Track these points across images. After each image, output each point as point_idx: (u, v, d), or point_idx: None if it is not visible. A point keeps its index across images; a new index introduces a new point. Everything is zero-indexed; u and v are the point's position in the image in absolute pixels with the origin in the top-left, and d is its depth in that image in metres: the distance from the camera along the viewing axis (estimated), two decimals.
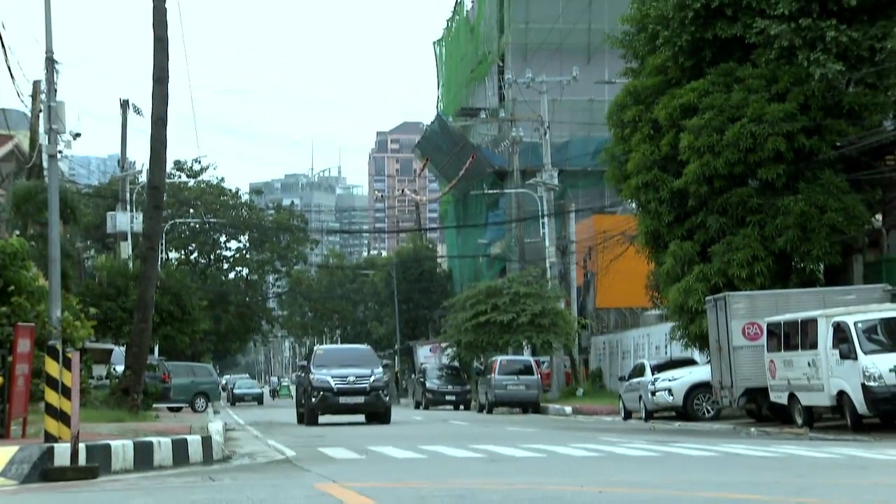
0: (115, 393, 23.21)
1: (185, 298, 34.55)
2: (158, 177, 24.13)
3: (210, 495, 8.99)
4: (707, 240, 26.22)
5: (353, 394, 27.33)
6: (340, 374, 27.56)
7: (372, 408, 27.70)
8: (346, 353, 30.57)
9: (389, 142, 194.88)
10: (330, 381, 27.39)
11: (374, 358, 29.55)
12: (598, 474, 10.94)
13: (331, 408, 27.49)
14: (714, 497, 8.16)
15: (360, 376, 27.51)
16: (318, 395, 27.31)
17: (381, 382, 27.75)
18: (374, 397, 27.47)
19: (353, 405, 27.49)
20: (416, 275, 73.10)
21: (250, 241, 72.08)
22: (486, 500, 7.93)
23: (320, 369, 27.84)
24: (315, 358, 28.78)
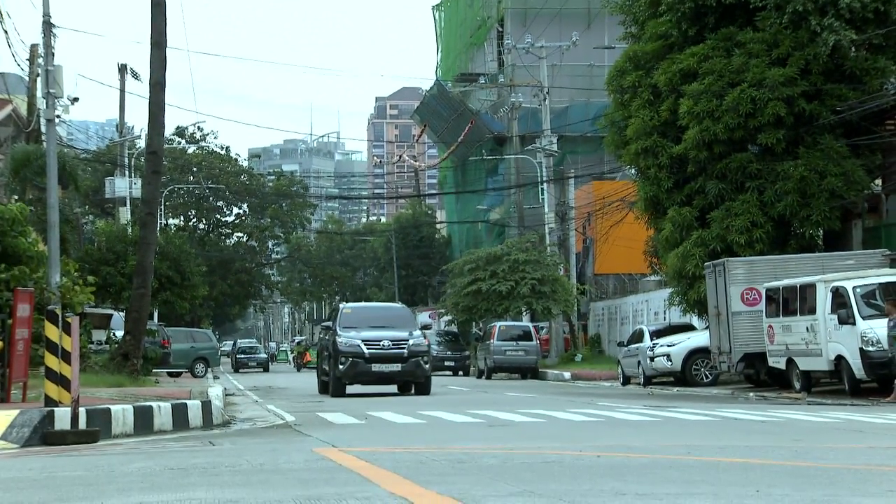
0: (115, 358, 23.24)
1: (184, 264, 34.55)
2: (157, 142, 24.04)
3: (210, 459, 9.00)
4: (706, 205, 26.19)
5: (388, 360, 23.42)
6: (372, 336, 23.63)
7: (410, 377, 23.85)
8: (378, 311, 26.13)
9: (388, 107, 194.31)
10: (360, 346, 23.48)
11: (411, 318, 25.77)
12: (596, 439, 10.96)
13: (361, 376, 23.62)
14: (712, 461, 8.17)
15: (396, 340, 23.62)
16: (345, 362, 23.38)
17: (420, 347, 23.80)
18: (412, 365, 23.56)
19: (387, 374, 23.52)
20: (415, 241, 73.11)
21: (250, 208, 72.03)
22: (484, 465, 7.95)
23: (348, 331, 23.87)
24: (341, 317, 24.46)
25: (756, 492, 6.09)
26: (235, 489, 6.69)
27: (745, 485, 6.53)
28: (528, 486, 6.47)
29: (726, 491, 6.19)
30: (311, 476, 7.33)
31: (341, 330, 24.01)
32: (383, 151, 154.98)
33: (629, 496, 5.94)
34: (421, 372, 23.71)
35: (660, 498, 5.84)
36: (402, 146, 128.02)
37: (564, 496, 5.90)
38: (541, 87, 45.43)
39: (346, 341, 23.59)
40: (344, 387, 23.89)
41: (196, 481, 7.23)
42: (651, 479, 6.88)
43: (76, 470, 8.39)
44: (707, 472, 7.40)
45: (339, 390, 23.66)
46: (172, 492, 6.64)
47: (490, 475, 7.18)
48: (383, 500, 5.85)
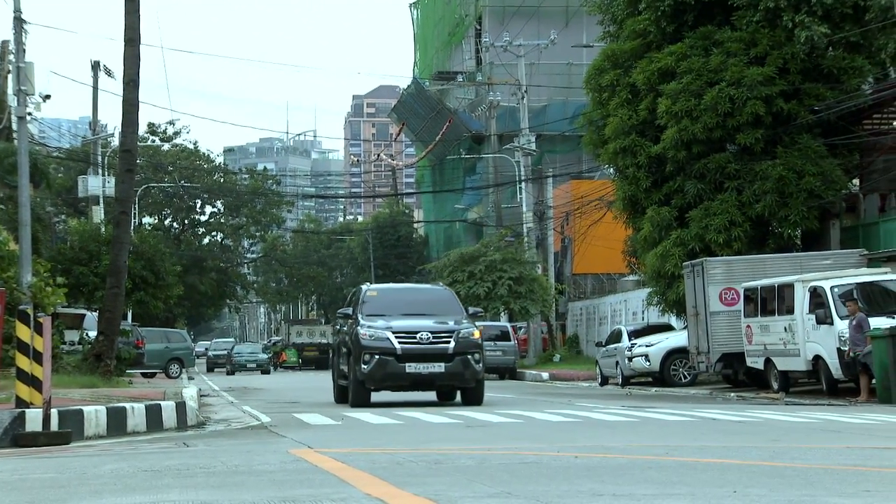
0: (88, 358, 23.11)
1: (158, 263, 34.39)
2: (131, 139, 23.92)
3: (184, 461, 8.97)
4: (685, 205, 26.28)
5: (428, 358, 17.93)
6: (406, 327, 18.22)
7: (456, 380, 18.25)
8: (412, 294, 20.45)
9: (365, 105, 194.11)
10: (390, 339, 18.07)
11: (455, 301, 19.56)
12: (574, 440, 10.99)
13: (392, 379, 18.14)
14: (689, 462, 8.20)
15: (437, 332, 18.17)
16: (370, 361, 17.99)
17: (470, 340, 18.23)
18: (458, 364, 18.00)
19: (426, 376, 18.02)
20: (392, 240, 73.07)
21: (225, 206, 71.83)
22: (461, 466, 7.96)
23: (373, 319, 18.46)
24: (364, 302, 19.02)
25: (734, 492, 6.12)
26: (209, 491, 6.67)
27: (722, 485, 6.56)
28: (505, 487, 6.48)
29: (704, 491, 6.22)
30: (286, 477, 7.32)
31: (364, 318, 18.47)
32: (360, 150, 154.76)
33: (606, 497, 5.96)
34: (471, 374, 18.08)
35: (637, 499, 5.86)
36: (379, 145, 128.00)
37: (541, 497, 5.91)
38: (519, 85, 45.47)
39: (372, 333, 18.08)
40: (368, 393, 18.47)
41: (170, 483, 7.21)
42: (628, 480, 6.91)
43: (48, 472, 8.35)
44: (684, 472, 7.43)
45: (361, 398, 18.29)
46: (145, 494, 6.61)
47: (467, 476, 7.18)
48: (358, 501, 5.85)
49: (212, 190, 68.69)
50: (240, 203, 70.81)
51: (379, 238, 73.26)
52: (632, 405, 18.26)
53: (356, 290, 20.31)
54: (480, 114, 54.15)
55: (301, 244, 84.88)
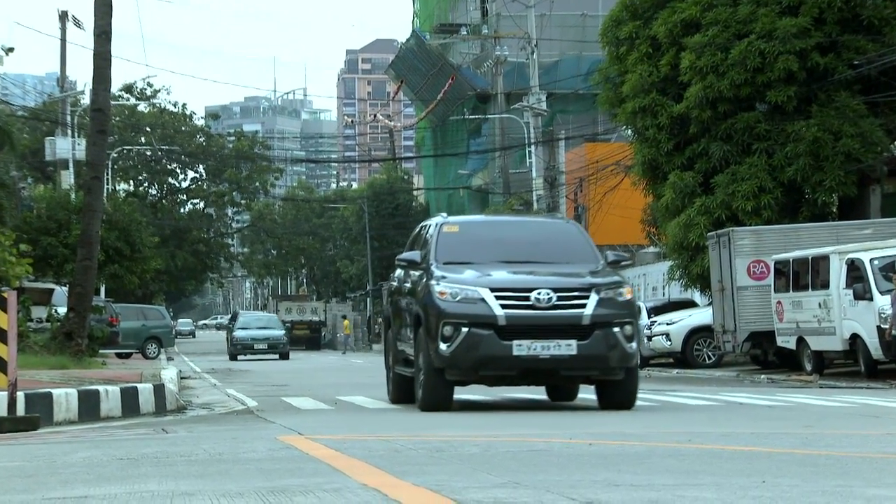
0: (57, 337, 23.17)
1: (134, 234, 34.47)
2: (103, 97, 23.87)
3: (163, 448, 9.00)
4: (710, 170, 26.24)
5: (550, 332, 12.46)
6: (513, 282, 12.83)
7: (595, 367, 12.73)
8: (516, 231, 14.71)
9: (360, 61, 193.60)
10: (486, 301, 12.60)
11: (587, 243, 14.23)
12: (588, 426, 11.01)
13: (490, 365, 12.73)
14: (714, 449, 8.22)
15: (565, 289, 12.67)
16: (454, 336, 12.60)
17: (617, 302, 12.74)
18: (600, 342, 12.53)
19: (546, 362, 12.54)
20: (389, 209, 73.10)
21: (207, 172, 71.81)
22: (465, 454, 7.97)
23: (457, 270, 13.08)
24: (440, 244, 13.68)
25: (762, 482, 6.13)
26: (191, 481, 6.68)
27: (750, 474, 6.57)
28: (512, 476, 6.50)
29: (729, 481, 6.23)
30: (274, 466, 7.34)
31: (441, 268, 13.15)
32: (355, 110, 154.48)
33: (623, 487, 5.97)
34: (619, 357, 12.59)
35: (657, 489, 5.87)
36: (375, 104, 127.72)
37: (552, 487, 5.92)
38: (528, 39, 45.32)
39: (456, 292, 12.67)
40: (450, 389, 13.21)
41: (147, 472, 7.22)
42: (647, 469, 6.92)
43: (14, 460, 8.37)
44: (709, 461, 7.44)
45: (437, 395, 13.07)
46: (121, 484, 6.63)
47: (471, 465, 7.20)
48: (353, 491, 5.86)
49: (193, 154, 68.66)
50: (224, 168, 70.78)
51: (375, 206, 73.26)
52: (652, 388, 18.30)
53: (425, 226, 14.67)
54: (486, 70, 53.97)
55: (291, 213, 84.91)
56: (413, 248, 14.83)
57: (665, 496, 5.60)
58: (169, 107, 69.01)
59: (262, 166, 71.02)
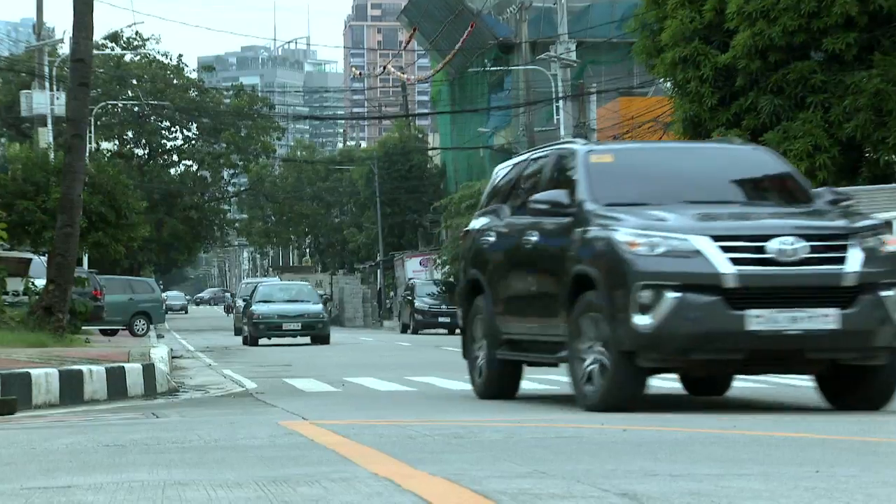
0: (36, 312, 23.27)
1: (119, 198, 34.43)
2: (84, 46, 23.86)
3: (153, 434, 9.05)
4: (759, 127, 26.14)
5: (800, 298, 10.00)
6: (741, 229, 10.30)
7: (858, 348, 10.17)
8: (687, 159, 12.21)
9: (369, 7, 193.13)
10: (708, 254, 10.04)
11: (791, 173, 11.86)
12: None
13: (715, 346, 10.12)
14: (763, 436, 8.22)
15: (812, 236, 10.14)
16: (660, 301, 10.00)
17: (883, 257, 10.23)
18: (868, 311, 10.04)
19: (795, 339, 10.01)
20: (402, 171, 73.09)
21: (201, 130, 71.86)
22: (486, 440, 8.00)
23: (634, 213, 10.63)
24: (591, 180, 11.22)
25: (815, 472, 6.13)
26: (185, 469, 6.72)
27: (801, 463, 6.57)
28: (539, 465, 6.51)
29: (779, 471, 6.23)
30: (276, 454, 7.37)
31: (609, 211, 10.81)
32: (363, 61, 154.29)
33: (661, 477, 5.98)
34: (889, 333, 10.16)
35: (698, 479, 5.88)
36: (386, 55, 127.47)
37: (583, 477, 5.94)
38: None
39: (656, 241, 10.20)
40: (643, 378, 10.60)
41: (136, 460, 7.27)
42: (688, 457, 6.93)
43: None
44: (756, 448, 7.45)
45: (627, 388, 10.47)
46: (108, 473, 6.67)
47: (493, 452, 7.22)
48: (363, 481, 5.88)
49: (185, 110, 68.70)
50: (220, 127, 70.80)
51: (386, 168, 73.25)
52: None
53: (544, 157, 12.22)
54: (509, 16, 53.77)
55: (292, 175, 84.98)
56: (493, 199, 13.03)
57: (707, 487, 5.60)
58: (158, 58, 69.03)
59: (263, 125, 70.99)
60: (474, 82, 61.76)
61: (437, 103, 72.80)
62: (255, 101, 72.98)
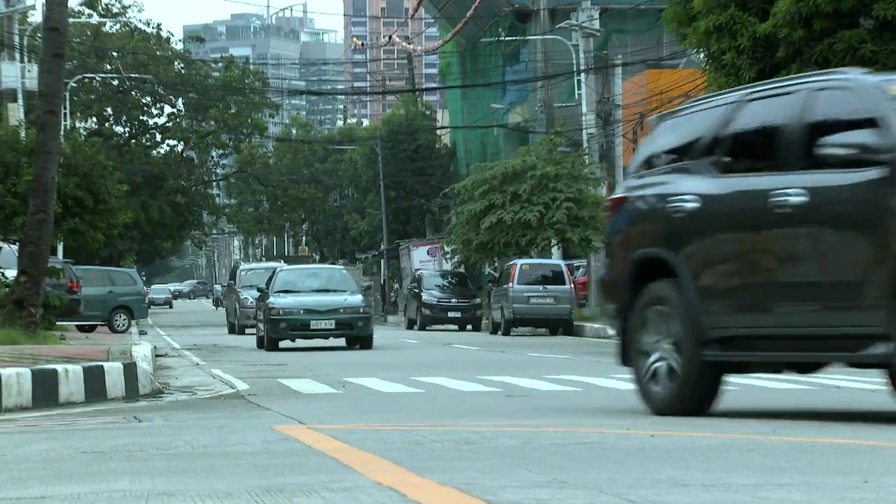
0: (6, 306, 23.33)
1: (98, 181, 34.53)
2: (59, 14, 23.88)
3: (136, 440, 9.08)
4: None
5: None
6: None
7: None
8: None
9: None
10: None
11: None
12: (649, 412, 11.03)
13: None
14: (805, 443, 8.22)
15: None
16: None
17: None
18: None
19: None
20: (408, 151, 73.13)
21: (187, 106, 71.90)
22: (500, 446, 8.01)
23: None
24: None
25: (864, 482, 6.13)
26: (170, 478, 6.74)
27: (848, 473, 6.57)
28: (557, 473, 6.52)
29: (823, 481, 6.24)
30: (270, 461, 7.39)
31: None
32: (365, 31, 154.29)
33: (693, 487, 5.99)
34: None
35: (734, 490, 5.89)
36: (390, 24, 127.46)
37: (606, 487, 5.95)
38: None
39: None
40: None
41: (117, 468, 7.29)
42: (722, 465, 6.94)
43: None
44: (798, 455, 7.45)
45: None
46: (86, 482, 6.70)
47: (508, 460, 7.23)
48: (365, 491, 5.90)
49: (170, 84, 68.73)
50: (208, 103, 70.81)
51: (390, 148, 73.28)
52: None
53: (837, 85, 10.16)
54: None
55: (287, 156, 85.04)
56: (664, 158, 11.27)
57: (744, 498, 5.61)
58: (140, 26, 69.05)
59: (255, 101, 70.97)
60: (487, 54, 61.70)
61: (447, 77, 72.76)
62: (247, 75, 72.96)
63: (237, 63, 73.62)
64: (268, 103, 72.97)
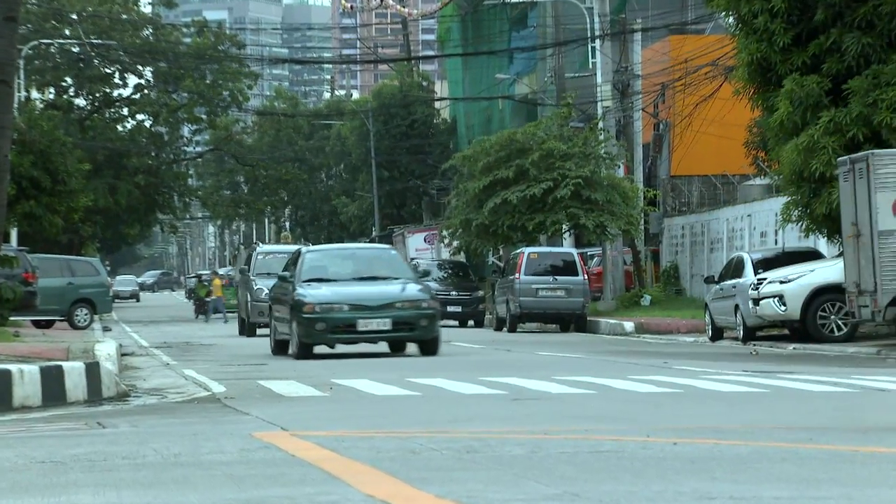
0: None
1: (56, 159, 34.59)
2: None
3: (99, 448, 9.08)
4: (842, 71, 26.07)
5: None
6: None
7: None
8: None
9: None
10: None
11: None
12: (672, 419, 11.05)
13: None
14: (844, 452, 8.23)
15: None
16: None
17: None
18: None
19: None
20: (403, 127, 73.10)
21: (156, 76, 71.83)
22: (506, 455, 8.03)
23: None
24: None
25: None
26: (137, 491, 6.75)
27: (893, 485, 6.59)
28: (570, 485, 6.53)
29: (864, 493, 6.25)
30: (249, 471, 7.40)
31: None
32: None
33: (720, 500, 6.00)
34: None
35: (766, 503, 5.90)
36: None
37: (624, 501, 5.96)
38: None
39: None
40: None
41: (78, 480, 7.30)
42: (753, 477, 6.94)
43: None
44: (836, 466, 7.46)
45: None
46: (44, 495, 6.71)
47: (514, 470, 7.24)
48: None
49: (137, 52, 68.67)
50: (180, 72, 70.74)
51: (383, 123, 73.24)
52: (758, 370, 18.34)
53: None
54: None
55: (269, 132, 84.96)
56: None
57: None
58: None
59: (231, 70, 70.87)
60: (491, 18, 61.62)
61: (446, 44, 72.67)
62: (223, 41, 72.92)
63: (211, 28, 73.58)
64: (246, 73, 72.86)
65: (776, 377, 16.63)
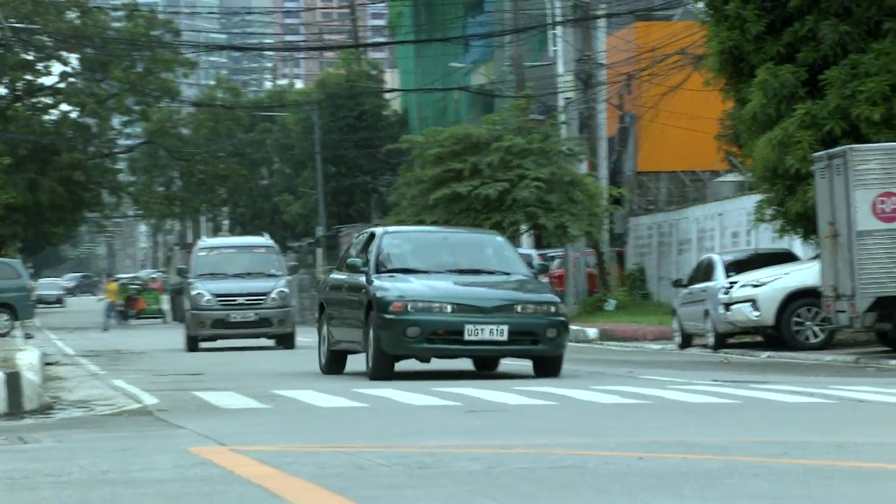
0: None
1: None
2: None
3: (19, 465, 9.04)
4: (819, 61, 26.21)
5: None
6: None
7: None
8: None
9: None
10: None
11: None
12: (637, 432, 11.08)
13: None
14: (822, 466, 8.28)
15: None
16: None
17: None
18: None
19: None
20: (350, 119, 72.96)
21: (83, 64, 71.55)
22: (461, 471, 8.03)
23: None
24: None
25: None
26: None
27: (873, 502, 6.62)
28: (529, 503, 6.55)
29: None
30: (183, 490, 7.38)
31: None
32: None
33: None
34: None
35: None
36: None
37: None
38: None
39: None
40: None
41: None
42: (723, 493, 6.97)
43: None
44: (813, 482, 7.50)
45: None
46: None
47: (469, 487, 7.25)
48: None
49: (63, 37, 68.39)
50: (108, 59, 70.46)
51: (330, 114, 73.10)
52: (730, 379, 18.39)
53: None
54: None
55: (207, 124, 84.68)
56: None
57: None
58: None
59: (165, 58, 70.64)
60: (446, 2, 61.66)
61: (397, 30, 72.66)
62: (155, 26, 72.73)
63: (143, 12, 73.34)
64: (181, 60, 72.67)
65: (749, 387, 16.68)
